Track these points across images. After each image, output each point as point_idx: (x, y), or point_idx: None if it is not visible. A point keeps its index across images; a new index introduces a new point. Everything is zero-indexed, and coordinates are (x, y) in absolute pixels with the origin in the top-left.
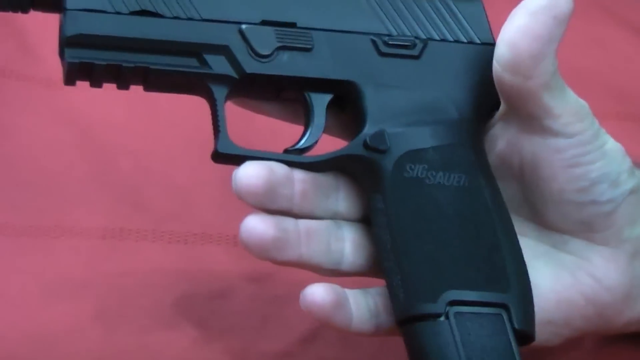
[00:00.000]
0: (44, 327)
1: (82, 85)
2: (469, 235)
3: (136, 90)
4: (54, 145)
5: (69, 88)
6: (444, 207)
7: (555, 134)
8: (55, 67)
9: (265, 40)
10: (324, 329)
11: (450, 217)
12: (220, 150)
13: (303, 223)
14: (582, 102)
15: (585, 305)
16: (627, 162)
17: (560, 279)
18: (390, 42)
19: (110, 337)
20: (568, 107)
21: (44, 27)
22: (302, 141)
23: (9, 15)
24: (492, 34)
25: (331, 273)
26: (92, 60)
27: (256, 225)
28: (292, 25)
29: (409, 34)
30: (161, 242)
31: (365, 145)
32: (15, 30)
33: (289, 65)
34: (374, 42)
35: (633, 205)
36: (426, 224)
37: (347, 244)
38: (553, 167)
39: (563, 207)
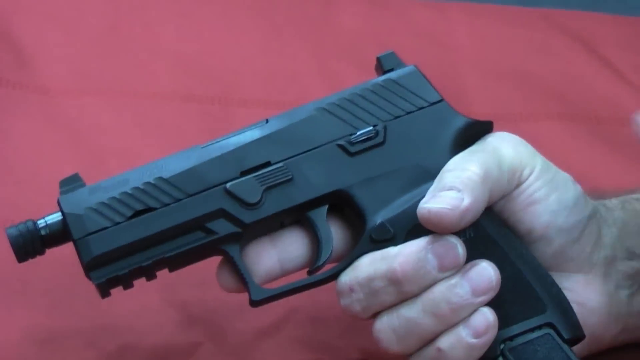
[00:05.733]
0: None
1: (73, 94)
2: None
3: (122, 96)
4: (47, 148)
5: (61, 95)
6: None
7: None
8: (48, 77)
9: (251, 189)
10: (297, 313)
11: None
12: (255, 298)
13: None
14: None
15: None
16: (579, 189)
17: None
18: (355, 141)
19: (102, 320)
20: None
21: (38, 38)
22: (321, 257)
23: (6, 28)
24: (436, 91)
25: None
26: (115, 273)
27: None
28: (267, 164)
29: (367, 126)
30: None
31: (372, 240)
32: (11, 42)
33: (279, 200)
34: (340, 146)
35: (594, 230)
36: None
37: None
38: (516, 214)
39: (536, 245)
